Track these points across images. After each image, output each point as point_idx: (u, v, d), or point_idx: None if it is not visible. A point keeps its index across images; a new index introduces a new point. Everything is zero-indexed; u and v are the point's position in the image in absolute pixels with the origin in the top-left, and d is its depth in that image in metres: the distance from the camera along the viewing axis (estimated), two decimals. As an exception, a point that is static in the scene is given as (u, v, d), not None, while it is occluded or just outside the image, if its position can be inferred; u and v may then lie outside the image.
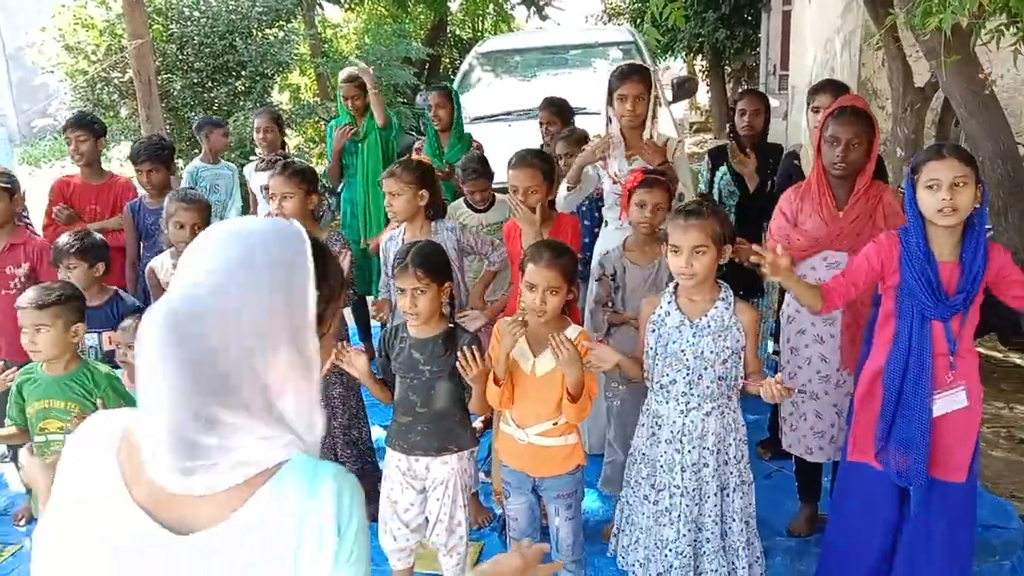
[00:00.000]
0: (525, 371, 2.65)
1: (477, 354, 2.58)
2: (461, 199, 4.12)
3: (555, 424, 2.64)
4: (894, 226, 2.74)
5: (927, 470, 2.47)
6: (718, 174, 4.45)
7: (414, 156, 4.29)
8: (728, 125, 4.74)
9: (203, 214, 3.43)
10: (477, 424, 3.26)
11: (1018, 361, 4.84)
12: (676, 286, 2.62)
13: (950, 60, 2.34)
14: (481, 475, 3.47)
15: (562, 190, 3.57)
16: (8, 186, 3.60)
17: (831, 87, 3.64)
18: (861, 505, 2.69)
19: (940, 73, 2.49)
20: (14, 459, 3.75)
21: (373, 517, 3.13)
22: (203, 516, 1.01)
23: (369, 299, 4.72)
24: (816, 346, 3.01)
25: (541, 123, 4.76)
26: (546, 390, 2.59)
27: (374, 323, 4.85)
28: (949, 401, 2.46)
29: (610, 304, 3.18)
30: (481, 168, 4.04)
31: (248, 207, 5.42)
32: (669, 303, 2.62)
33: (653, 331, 2.64)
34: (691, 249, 2.46)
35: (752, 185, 3.86)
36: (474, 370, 2.57)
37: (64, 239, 3.38)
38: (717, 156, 4.51)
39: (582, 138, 4.22)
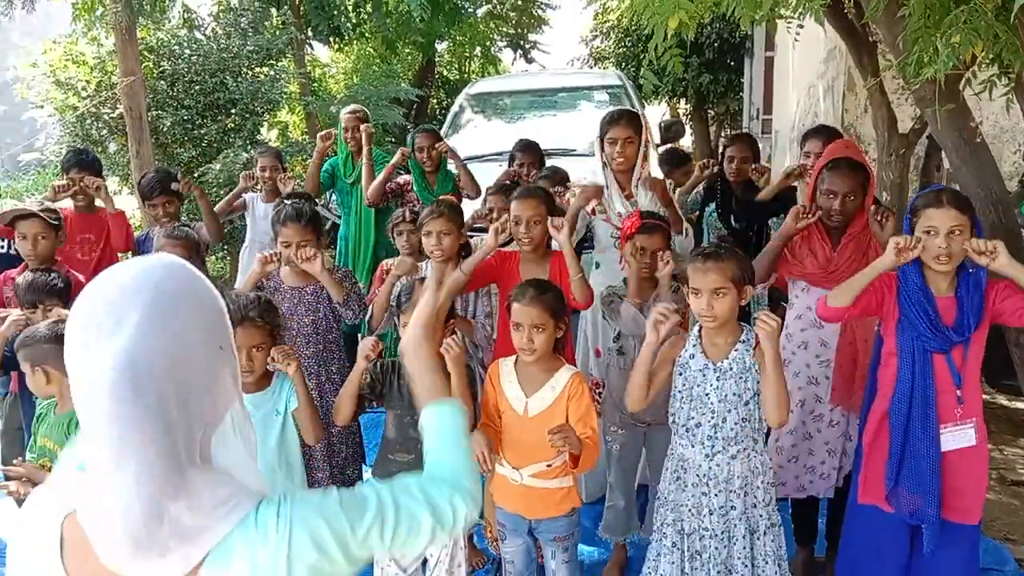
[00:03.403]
0: (518, 412, 2.65)
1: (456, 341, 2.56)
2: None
3: (549, 465, 2.62)
4: None
5: (940, 507, 2.48)
6: (707, 210, 4.54)
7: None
8: (717, 168, 4.81)
9: (187, 250, 3.42)
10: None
11: (1005, 403, 4.88)
12: (700, 328, 2.63)
13: (944, 109, 2.40)
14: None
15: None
16: (56, 223, 3.65)
17: (822, 132, 3.73)
18: (871, 548, 2.68)
19: (934, 121, 2.55)
20: None
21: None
22: None
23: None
24: (810, 387, 3.04)
25: (520, 164, 4.82)
26: (540, 431, 2.57)
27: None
28: (958, 437, 2.48)
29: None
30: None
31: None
32: (694, 346, 2.62)
33: (680, 374, 2.64)
34: (711, 292, 2.49)
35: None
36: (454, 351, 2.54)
37: (40, 278, 3.26)
38: (707, 193, 4.59)
39: (563, 177, 4.29)
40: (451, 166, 5.13)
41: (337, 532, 1.05)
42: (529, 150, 4.88)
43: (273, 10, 10.92)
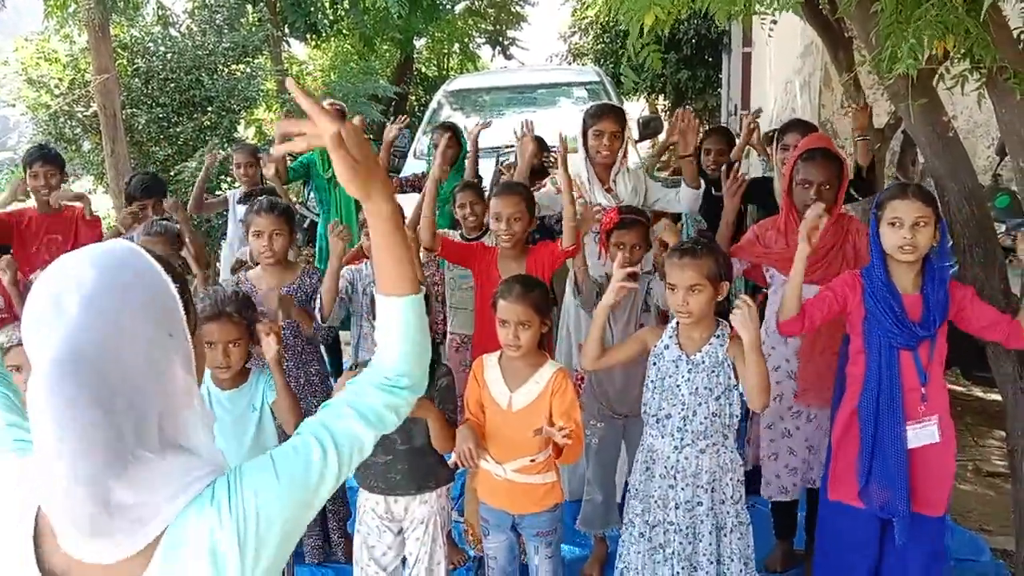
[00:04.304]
0: (501, 406, 2.65)
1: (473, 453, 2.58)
2: (459, 230, 4.11)
3: (533, 460, 2.63)
4: (863, 254, 2.83)
5: (908, 501, 2.50)
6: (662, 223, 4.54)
7: None
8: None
9: (167, 245, 3.39)
10: (452, 460, 3.23)
11: (980, 395, 4.94)
12: (678, 321, 2.65)
13: (917, 104, 2.42)
14: (454, 515, 3.43)
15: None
16: None
17: (800, 126, 3.75)
18: (843, 544, 2.70)
19: (907, 116, 2.57)
20: None
21: (348, 558, 3.09)
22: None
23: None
24: (789, 382, 3.05)
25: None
26: (523, 426, 2.58)
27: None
28: (922, 434, 2.50)
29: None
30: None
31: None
32: (670, 337, 2.64)
33: (654, 364, 2.66)
34: (687, 288, 2.50)
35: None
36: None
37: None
38: None
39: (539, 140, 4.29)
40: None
41: (292, 491, 1.08)
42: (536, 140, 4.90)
43: (249, 7, 10.85)
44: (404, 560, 2.78)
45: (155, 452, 1.00)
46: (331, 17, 12.97)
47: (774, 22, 3.36)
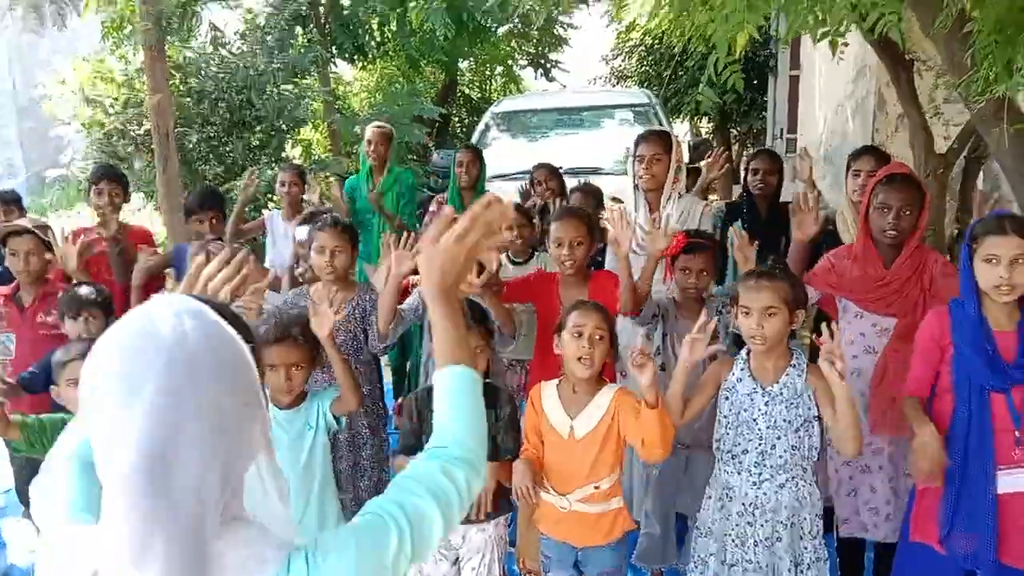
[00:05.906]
0: (563, 435, 2.57)
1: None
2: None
3: (597, 488, 2.54)
4: (939, 284, 2.70)
5: (995, 552, 2.35)
6: (731, 231, 4.43)
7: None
8: (742, 184, 4.76)
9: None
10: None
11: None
12: (748, 351, 2.55)
13: (1015, 127, 2.31)
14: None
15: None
16: (48, 240, 3.65)
17: (871, 152, 3.65)
18: (921, 590, 2.56)
19: (997, 141, 2.46)
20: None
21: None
22: None
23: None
24: (864, 416, 2.92)
25: (537, 182, 4.81)
26: (588, 453, 2.51)
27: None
28: (1014, 480, 2.35)
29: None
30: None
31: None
32: (742, 369, 2.54)
33: (726, 398, 2.55)
34: (762, 311, 2.40)
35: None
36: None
37: (84, 290, 3.31)
38: (731, 211, 4.51)
39: (595, 193, 4.28)
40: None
41: (371, 574, 1.05)
42: (544, 168, 4.92)
43: (299, 28, 10.97)
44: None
45: (218, 535, 0.95)
46: (378, 39, 13.08)
47: (845, 44, 3.26)
